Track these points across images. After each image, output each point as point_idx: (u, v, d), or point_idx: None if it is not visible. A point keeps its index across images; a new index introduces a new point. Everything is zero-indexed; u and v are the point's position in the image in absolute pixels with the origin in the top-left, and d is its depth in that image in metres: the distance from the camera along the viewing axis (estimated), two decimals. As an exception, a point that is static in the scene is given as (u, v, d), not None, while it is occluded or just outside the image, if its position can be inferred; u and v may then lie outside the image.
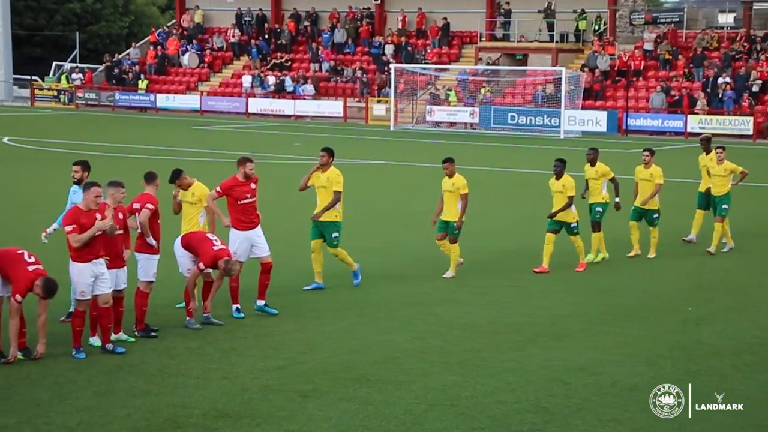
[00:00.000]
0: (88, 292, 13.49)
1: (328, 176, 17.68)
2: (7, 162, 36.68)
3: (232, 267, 15.14)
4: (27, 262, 13.10)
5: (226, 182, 16.24)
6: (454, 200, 18.75)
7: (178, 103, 69.56)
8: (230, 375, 12.83)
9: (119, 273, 14.00)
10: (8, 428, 10.77)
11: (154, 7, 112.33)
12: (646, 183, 21.23)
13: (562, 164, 19.82)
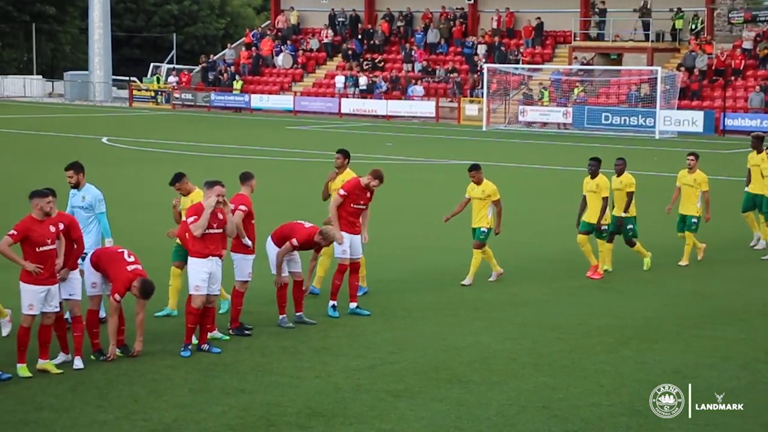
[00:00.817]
0: (203, 287, 13.70)
1: (343, 178, 16.99)
2: (105, 162, 37.38)
3: (329, 234, 15.39)
4: (126, 261, 13.36)
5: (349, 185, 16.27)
6: (483, 207, 18.29)
7: (272, 103, 70.22)
8: (323, 374, 12.95)
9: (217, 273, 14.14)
10: (107, 423, 11.02)
11: (250, 9, 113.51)
12: (688, 188, 20.44)
13: (597, 163, 19.32)
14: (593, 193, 19.10)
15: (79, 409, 11.43)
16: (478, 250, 18.29)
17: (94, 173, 32.63)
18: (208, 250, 13.70)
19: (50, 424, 10.92)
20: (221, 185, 13.91)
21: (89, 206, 14.83)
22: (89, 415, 11.22)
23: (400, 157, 41.96)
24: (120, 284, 13.13)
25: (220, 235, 13.87)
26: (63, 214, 13.42)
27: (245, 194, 15.08)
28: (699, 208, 20.49)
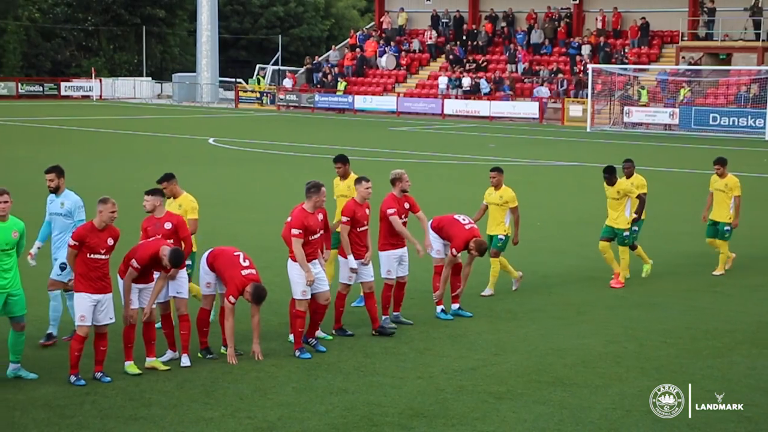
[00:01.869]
0: (308, 291, 13.83)
1: (348, 185, 16.07)
2: (212, 162, 37.95)
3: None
4: (242, 266, 13.48)
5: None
6: (500, 214, 17.53)
7: (375, 104, 70.53)
8: (425, 375, 12.95)
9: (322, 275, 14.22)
10: (213, 421, 11.17)
11: (354, 10, 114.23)
12: (720, 194, 19.63)
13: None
14: (615, 200, 18.48)
15: (186, 406, 11.60)
16: (495, 258, 17.51)
17: (200, 174, 33.21)
18: (310, 256, 13.82)
19: (158, 420, 11.11)
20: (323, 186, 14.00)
21: (68, 213, 13.89)
22: (196, 412, 11.39)
23: (503, 158, 41.77)
24: (234, 287, 13.29)
25: (319, 239, 13.95)
26: (171, 214, 13.63)
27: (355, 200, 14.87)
28: (732, 214, 19.59)
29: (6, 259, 12.29)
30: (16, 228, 12.38)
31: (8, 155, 39.21)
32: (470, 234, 15.90)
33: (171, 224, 13.38)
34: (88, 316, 12.39)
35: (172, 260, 12.66)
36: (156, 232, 13.35)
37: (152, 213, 13.48)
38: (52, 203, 14.04)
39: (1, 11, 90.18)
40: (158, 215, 13.46)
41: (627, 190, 18.52)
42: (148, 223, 13.46)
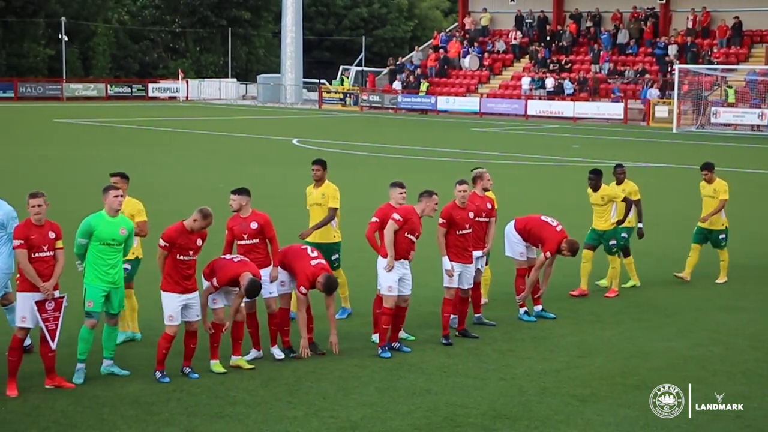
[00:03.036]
0: (395, 288, 13.87)
1: (323, 192, 15.38)
2: (295, 162, 38.21)
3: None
4: (310, 256, 13.64)
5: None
6: (607, 211, 17.38)
7: (458, 105, 70.47)
8: (508, 376, 12.92)
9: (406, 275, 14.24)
10: (297, 419, 11.26)
11: (438, 11, 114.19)
12: (709, 200, 18.74)
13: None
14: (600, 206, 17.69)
15: (270, 405, 11.71)
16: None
17: (284, 174, 33.47)
18: (398, 255, 13.84)
19: (243, 418, 11.23)
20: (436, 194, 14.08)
21: (1, 225, 13.08)
22: (280, 411, 11.49)
23: (587, 160, 41.44)
24: (304, 278, 13.39)
25: (412, 243, 13.97)
26: (257, 213, 13.74)
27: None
28: (725, 220, 18.79)
29: (113, 254, 12.48)
30: (124, 225, 12.61)
31: (96, 155, 39.91)
32: (561, 235, 15.83)
33: (257, 224, 13.51)
34: (176, 315, 12.57)
35: (248, 292, 12.79)
36: (242, 231, 13.49)
37: (238, 212, 13.62)
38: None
39: (92, 14, 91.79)
40: (244, 214, 13.60)
41: (612, 196, 17.59)
42: (234, 222, 13.60)
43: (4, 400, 11.56)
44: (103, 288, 12.42)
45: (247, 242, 13.49)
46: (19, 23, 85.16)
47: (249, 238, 13.47)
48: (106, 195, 12.56)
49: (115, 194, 12.54)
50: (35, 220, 12.00)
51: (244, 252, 13.44)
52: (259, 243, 13.50)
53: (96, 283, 12.40)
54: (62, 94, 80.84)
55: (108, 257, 12.43)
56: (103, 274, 12.41)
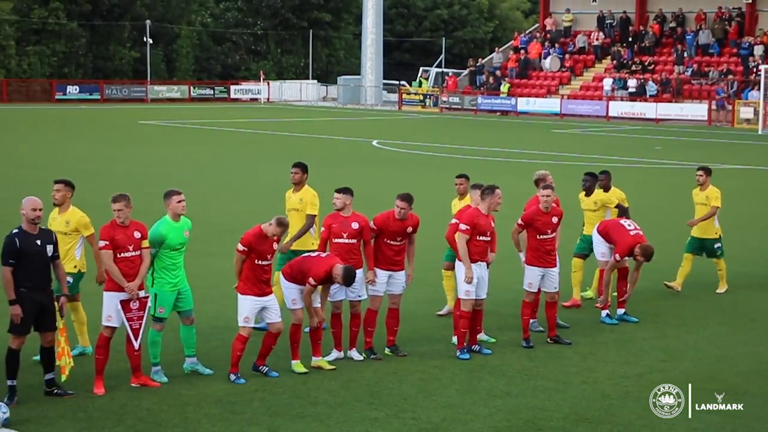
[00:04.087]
0: (473, 292, 13.86)
1: (301, 197, 14.79)
2: (376, 164, 38.32)
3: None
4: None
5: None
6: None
7: (538, 106, 70.11)
8: (590, 380, 12.82)
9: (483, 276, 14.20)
10: (378, 420, 11.29)
11: (518, 12, 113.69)
12: (702, 207, 17.83)
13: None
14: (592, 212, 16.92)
15: (351, 406, 11.76)
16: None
17: (365, 175, 33.62)
18: (477, 256, 13.81)
19: (324, 419, 11.29)
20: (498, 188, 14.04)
21: None
22: (361, 412, 11.54)
23: (670, 162, 40.99)
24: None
25: (486, 243, 13.92)
26: (357, 214, 13.77)
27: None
28: (718, 228, 17.88)
29: (178, 257, 12.66)
30: (187, 228, 12.76)
31: (179, 156, 40.40)
32: (634, 240, 15.64)
33: (358, 224, 13.55)
34: (251, 317, 12.69)
35: (345, 279, 12.83)
36: (342, 230, 13.48)
37: (341, 211, 13.65)
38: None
39: (176, 16, 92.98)
40: (345, 214, 13.65)
41: (605, 201, 16.89)
42: (334, 220, 13.54)
43: (92, 398, 11.77)
44: (172, 291, 12.59)
45: (345, 241, 13.47)
46: (105, 26, 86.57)
47: (348, 237, 13.50)
48: (169, 200, 12.69)
49: (179, 199, 12.68)
50: (119, 221, 12.18)
51: (340, 251, 13.41)
52: (356, 243, 13.55)
53: (166, 288, 12.58)
54: (146, 96, 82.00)
55: (175, 261, 12.65)
56: (172, 277, 12.59)
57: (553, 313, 14.67)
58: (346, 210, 13.62)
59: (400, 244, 13.73)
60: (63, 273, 11.99)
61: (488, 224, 13.85)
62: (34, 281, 11.61)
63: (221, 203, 25.43)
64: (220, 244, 19.88)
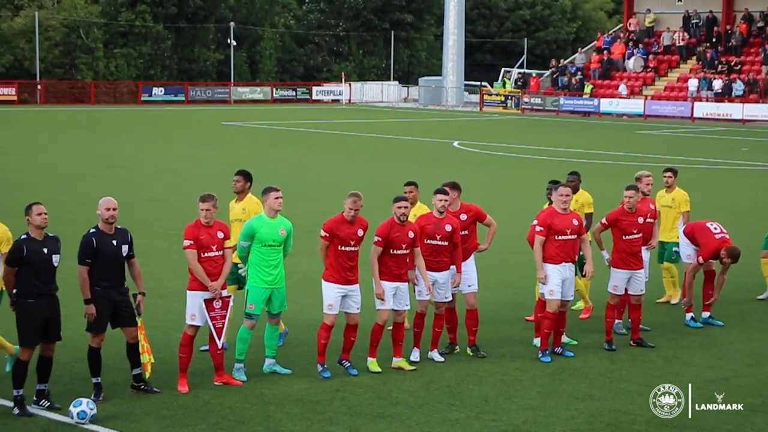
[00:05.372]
0: (557, 292, 13.78)
1: (244, 206, 13.92)
2: (457, 165, 38.26)
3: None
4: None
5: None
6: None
7: (621, 107, 69.43)
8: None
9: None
10: (458, 422, 11.27)
11: (601, 12, 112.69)
12: (667, 210, 16.78)
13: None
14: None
15: (432, 406, 11.75)
16: None
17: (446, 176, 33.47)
18: (561, 257, 13.73)
19: (405, 419, 11.30)
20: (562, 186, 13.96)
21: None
22: (441, 413, 11.53)
23: (757, 163, 40.32)
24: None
25: (572, 241, 13.83)
26: (452, 217, 13.73)
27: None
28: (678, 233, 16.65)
29: (274, 255, 12.69)
30: (283, 226, 12.84)
31: (261, 157, 40.76)
32: (719, 243, 15.41)
33: (451, 227, 13.54)
34: (335, 305, 12.74)
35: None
36: (435, 232, 13.44)
37: (441, 212, 13.59)
38: None
39: (259, 18, 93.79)
40: (453, 208, 13.70)
41: (586, 203, 15.92)
42: (427, 221, 13.43)
43: (176, 396, 11.92)
44: (265, 289, 12.66)
45: (437, 243, 13.43)
46: (190, 29, 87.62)
47: (441, 239, 13.48)
48: (267, 196, 12.76)
49: (276, 195, 12.75)
50: (204, 221, 12.30)
51: (430, 252, 13.36)
52: (448, 246, 13.51)
53: (259, 285, 12.64)
54: (230, 97, 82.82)
55: (270, 258, 12.65)
56: (265, 275, 12.64)
57: (638, 316, 14.52)
58: (454, 205, 13.69)
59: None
60: (139, 272, 12.12)
61: (566, 223, 13.71)
62: (109, 280, 11.78)
63: (304, 204, 25.57)
64: (303, 245, 19.92)
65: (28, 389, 11.38)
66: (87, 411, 10.92)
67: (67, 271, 12.38)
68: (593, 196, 16.20)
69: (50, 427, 10.93)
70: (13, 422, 11.00)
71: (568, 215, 13.78)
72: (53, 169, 35.18)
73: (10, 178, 32.13)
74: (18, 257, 11.24)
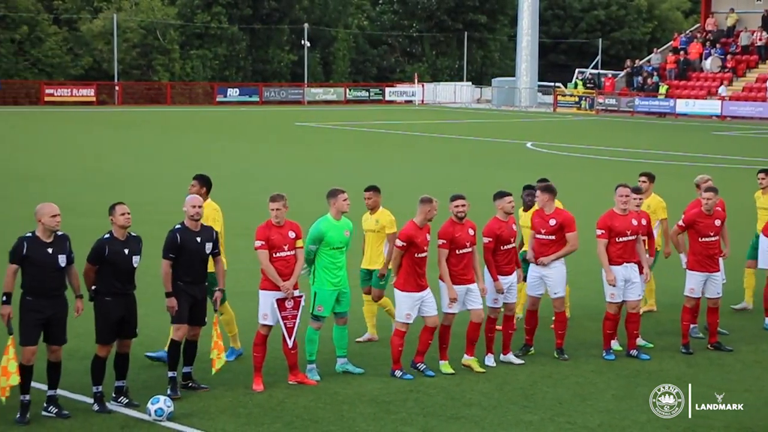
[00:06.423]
0: (618, 295, 13.70)
1: (206, 215, 12.74)
2: (528, 166, 38.06)
3: None
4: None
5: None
6: (378, 242, 14.15)
7: (697, 108, 68.60)
8: (753, 388, 12.48)
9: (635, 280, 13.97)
10: (533, 424, 11.22)
11: (678, 12, 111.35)
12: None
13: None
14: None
15: (506, 408, 11.71)
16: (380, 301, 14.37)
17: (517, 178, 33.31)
18: (623, 258, 13.62)
19: (479, 421, 11.27)
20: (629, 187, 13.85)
21: None
22: (515, 414, 11.48)
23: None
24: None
25: (632, 242, 13.72)
26: (560, 210, 13.78)
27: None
28: (660, 242, 15.79)
29: (339, 257, 12.76)
30: (347, 228, 12.88)
31: (334, 157, 40.93)
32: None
33: (556, 221, 13.58)
34: (413, 314, 12.75)
35: None
36: (541, 226, 13.59)
37: (542, 208, 13.69)
38: None
39: (333, 20, 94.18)
40: (548, 211, 13.70)
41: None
42: (499, 226, 13.38)
43: (251, 395, 12.01)
44: (333, 291, 12.70)
45: (512, 246, 13.50)
46: (265, 30, 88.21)
47: (546, 234, 13.60)
48: (335, 198, 12.79)
49: (344, 197, 12.77)
50: (275, 221, 12.36)
51: (540, 246, 13.56)
52: (556, 239, 13.57)
53: (327, 287, 12.68)
54: (303, 98, 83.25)
55: (336, 260, 12.71)
56: (332, 276, 12.68)
57: (715, 319, 14.33)
58: (547, 207, 13.68)
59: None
60: (222, 269, 12.24)
61: (626, 225, 13.64)
62: (191, 276, 11.93)
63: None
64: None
65: (107, 386, 11.54)
66: (164, 408, 11.05)
67: (147, 270, 12.53)
68: (669, 199, 16.01)
69: (128, 423, 11.07)
70: (93, 418, 11.17)
71: (627, 216, 13.68)
72: (130, 170, 35.65)
73: (89, 179, 32.64)
74: (99, 256, 11.38)
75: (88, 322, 11.88)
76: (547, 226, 13.57)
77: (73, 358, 12.66)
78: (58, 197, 15.75)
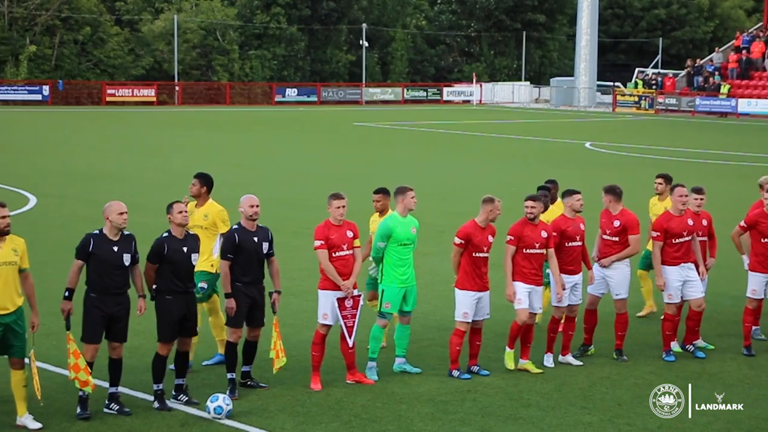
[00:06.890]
0: (676, 296, 13.59)
1: (205, 213, 13.07)
2: (588, 166, 37.84)
3: None
4: None
5: None
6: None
7: (760, 108, 67.82)
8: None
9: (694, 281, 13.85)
10: (592, 425, 11.16)
11: (741, 11, 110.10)
12: None
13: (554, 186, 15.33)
14: None
15: (564, 409, 11.66)
16: None
17: (576, 178, 33.16)
18: (679, 259, 13.53)
19: (537, 422, 11.23)
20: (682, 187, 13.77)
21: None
22: (574, 416, 11.43)
23: None
24: None
25: (689, 243, 13.65)
26: (626, 211, 13.70)
27: None
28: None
29: (406, 253, 12.77)
30: (414, 225, 12.90)
31: (392, 157, 40.95)
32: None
33: (620, 222, 13.54)
34: (471, 313, 12.73)
35: None
36: (606, 227, 13.60)
37: (607, 208, 13.68)
38: None
39: (391, 20, 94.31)
40: (613, 212, 13.65)
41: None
42: (565, 223, 13.37)
43: (309, 393, 12.06)
44: (401, 288, 12.71)
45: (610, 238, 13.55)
46: (323, 30, 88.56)
47: (611, 235, 13.57)
48: (403, 195, 12.80)
49: (412, 195, 12.81)
50: (335, 220, 12.39)
51: (605, 246, 13.57)
52: (620, 239, 13.54)
53: (395, 284, 12.69)
54: (361, 98, 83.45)
55: (404, 256, 12.71)
56: (400, 273, 12.69)
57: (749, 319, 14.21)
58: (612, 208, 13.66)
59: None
60: (277, 270, 12.26)
61: (683, 226, 13.56)
62: (249, 276, 11.98)
63: (436, 204, 25.59)
64: (435, 245, 20.04)
65: (167, 384, 11.65)
66: (223, 406, 11.13)
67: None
68: (731, 199, 15.86)
69: (188, 420, 11.17)
70: (154, 416, 11.28)
71: (683, 216, 13.58)
72: (192, 169, 35.90)
73: (150, 178, 32.97)
74: (159, 255, 11.49)
75: (147, 320, 12.01)
76: (611, 227, 13.53)
77: (134, 355, 12.80)
78: (122, 196, 15.94)
